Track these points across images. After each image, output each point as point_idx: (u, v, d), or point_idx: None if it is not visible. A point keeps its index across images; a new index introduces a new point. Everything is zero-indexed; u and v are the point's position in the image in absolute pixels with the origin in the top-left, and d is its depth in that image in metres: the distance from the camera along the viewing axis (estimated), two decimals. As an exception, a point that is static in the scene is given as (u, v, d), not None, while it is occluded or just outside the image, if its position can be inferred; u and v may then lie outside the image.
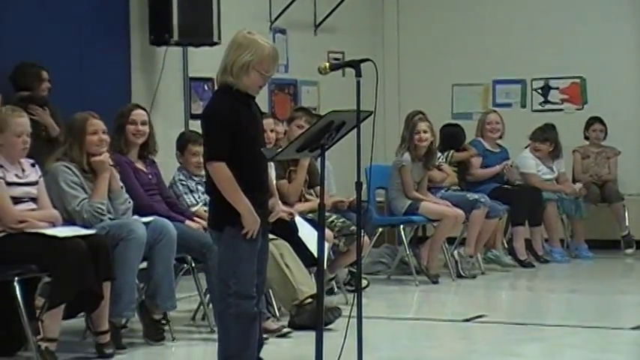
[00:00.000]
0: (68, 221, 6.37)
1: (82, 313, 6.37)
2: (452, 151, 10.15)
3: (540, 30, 11.95)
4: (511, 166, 10.54)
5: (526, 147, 10.84)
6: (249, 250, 5.02)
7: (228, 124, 4.96)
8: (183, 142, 7.44)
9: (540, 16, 11.97)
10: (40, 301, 6.35)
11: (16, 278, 5.97)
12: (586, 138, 11.33)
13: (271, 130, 7.53)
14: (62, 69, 8.46)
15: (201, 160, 6.69)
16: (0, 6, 8.26)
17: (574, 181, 11.16)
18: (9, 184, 6.10)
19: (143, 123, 6.97)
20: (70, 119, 6.66)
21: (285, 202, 7.81)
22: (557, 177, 10.89)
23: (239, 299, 4.99)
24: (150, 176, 7.02)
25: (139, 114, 6.99)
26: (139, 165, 6.99)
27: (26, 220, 6.08)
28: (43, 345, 5.94)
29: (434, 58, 12.34)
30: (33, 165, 6.34)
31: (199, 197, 7.22)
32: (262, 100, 10.35)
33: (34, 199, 6.24)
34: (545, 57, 11.91)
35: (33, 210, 6.20)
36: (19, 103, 7.37)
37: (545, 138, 10.74)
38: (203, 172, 6.56)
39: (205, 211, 6.52)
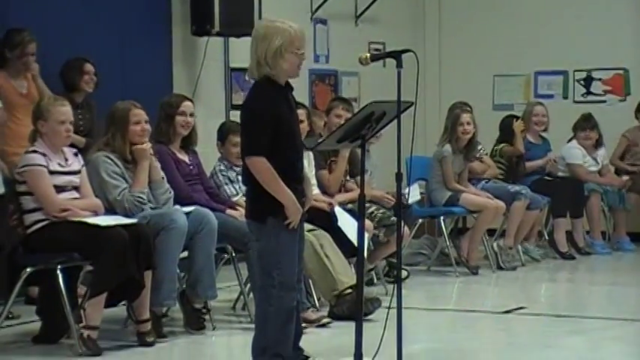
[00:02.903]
0: (110, 210, 6.42)
1: (124, 302, 6.42)
2: (503, 145, 10.08)
3: (582, 21, 11.85)
4: (555, 161, 10.48)
5: (571, 138, 10.75)
6: (291, 240, 5.03)
7: (269, 118, 4.94)
8: (224, 133, 7.46)
9: (583, 7, 11.88)
10: (82, 290, 6.42)
11: (59, 266, 6.04)
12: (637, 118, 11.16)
13: (301, 121, 7.50)
14: (104, 59, 8.50)
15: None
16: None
17: (614, 160, 11.05)
18: (52, 172, 6.16)
19: (191, 115, 7.03)
20: (112, 108, 6.67)
21: (325, 193, 7.83)
22: (600, 169, 10.82)
23: (282, 291, 4.99)
24: (191, 167, 7.06)
25: (188, 105, 7.04)
26: (181, 155, 7.03)
27: (69, 208, 6.13)
28: (85, 333, 5.99)
29: (475, 48, 12.29)
30: (76, 154, 6.40)
31: (240, 187, 7.24)
32: (303, 91, 10.39)
33: (76, 188, 6.30)
34: (588, 48, 11.82)
35: (75, 199, 6.26)
36: None
37: (593, 125, 10.66)
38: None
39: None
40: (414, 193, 8.46)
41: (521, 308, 7.55)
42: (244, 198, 5.86)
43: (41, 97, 7.22)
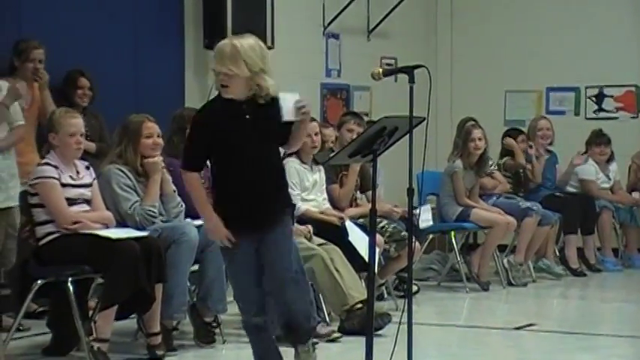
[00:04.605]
0: (121, 223, 6.43)
1: (134, 315, 6.42)
2: (506, 158, 10.11)
3: (594, 37, 11.85)
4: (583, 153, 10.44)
5: (583, 154, 10.73)
6: (239, 260, 4.97)
7: (206, 134, 4.87)
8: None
9: (594, 24, 11.88)
10: (93, 302, 6.42)
11: (70, 279, 6.03)
12: None
13: (315, 134, 7.50)
14: (117, 71, 8.54)
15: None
16: (55, 9, 8.34)
17: (628, 189, 11.04)
18: (64, 185, 6.17)
19: None
20: (125, 121, 6.68)
21: (335, 207, 7.82)
22: (612, 185, 10.80)
23: (242, 311, 5.02)
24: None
25: None
26: (192, 168, 7.02)
27: (80, 220, 6.14)
28: (96, 345, 5.99)
29: (487, 64, 12.29)
30: (87, 167, 6.41)
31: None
32: (315, 105, 10.40)
33: (87, 201, 6.30)
34: (599, 64, 11.81)
35: (87, 212, 6.27)
36: None
37: (608, 140, 10.65)
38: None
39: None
40: (425, 217, 8.39)
41: (531, 325, 7.53)
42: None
43: (45, 109, 7.26)
